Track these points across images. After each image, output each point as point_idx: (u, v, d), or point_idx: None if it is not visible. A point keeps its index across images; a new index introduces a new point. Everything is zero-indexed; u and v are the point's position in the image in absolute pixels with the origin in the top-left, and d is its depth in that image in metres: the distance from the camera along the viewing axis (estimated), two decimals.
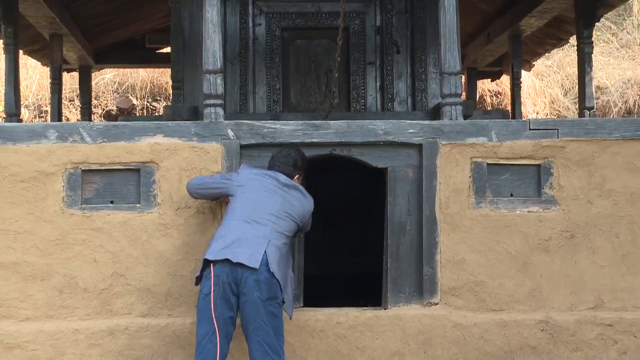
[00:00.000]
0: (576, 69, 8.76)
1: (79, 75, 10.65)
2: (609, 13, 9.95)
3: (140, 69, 13.64)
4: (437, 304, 5.63)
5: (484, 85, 13.95)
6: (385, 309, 5.71)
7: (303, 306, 5.89)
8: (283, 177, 5.17)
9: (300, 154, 5.35)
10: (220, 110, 5.68)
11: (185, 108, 7.47)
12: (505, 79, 12.51)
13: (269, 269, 4.69)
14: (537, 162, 5.71)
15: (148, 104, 13.85)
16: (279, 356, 4.70)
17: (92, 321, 5.49)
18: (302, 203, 5.16)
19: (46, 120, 12.56)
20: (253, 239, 4.77)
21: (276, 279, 4.72)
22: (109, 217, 5.53)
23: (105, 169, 5.56)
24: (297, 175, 5.26)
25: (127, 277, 5.51)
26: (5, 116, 7.87)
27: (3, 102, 9.19)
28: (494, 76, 11.71)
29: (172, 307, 5.51)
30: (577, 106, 11.16)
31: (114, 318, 5.50)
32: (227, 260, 4.70)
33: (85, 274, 5.49)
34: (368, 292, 6.53)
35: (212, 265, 4.75)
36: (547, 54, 12.00)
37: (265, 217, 4.90)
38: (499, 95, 14.30)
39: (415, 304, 5.68)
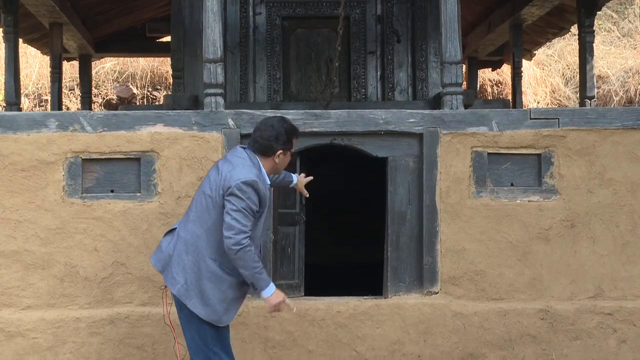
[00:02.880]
0: (577, 58, 8.75)
1: (79, 64, 10.63)
2: (611, 2, 9.93)
3: (140, 58, 13.62)
4: (437, 293, 5.65)
5: (485, 75, 13.92)
6: (385, 298, 5.72)
7: (304, 295, 5.92)
8: (231, 155, 4.44)
9: (286, 125, 4.48)
10: (220, 100, 5.68)
11: (185, 97, 7.46)
12: (506, 69, 12.49)
13: None
14: (537, 152, 5.71)
15: (148, 93, 13.84)
16: None
17: (93, 310, 5.50)
18: (220, 175, 4.29)
19: (46, 109, 12.56)
20: None
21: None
22: (110, 206, 5.54)
23: (105, 158, 5.57)
24: (280, 151, 4.42)
25: (127, 266, 5.53)
26: (5, 105, 7.87)
27: (3, 91, 9.17)
28: (495, 65, 11.69)
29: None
30: (578, 95, 11.16)
31: (115, 307, 5.52)
32: None
33: (86, 263, 5.51)
34: (369, 282, 6.54)
35: None
36: (548, 43, 11.97)
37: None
38: (499, 84, 14.28)
39: (416, 293, 5.69)
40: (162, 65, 13.87)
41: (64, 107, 11.65)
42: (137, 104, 13.49)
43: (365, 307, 5.63)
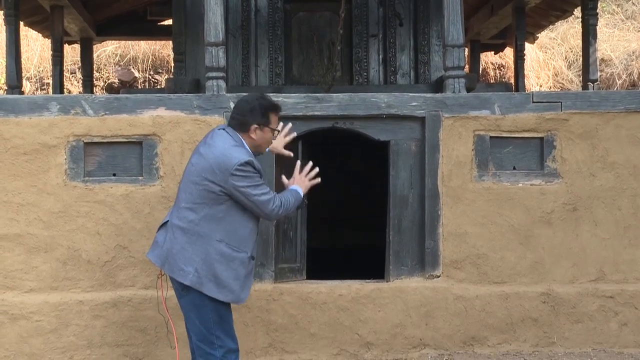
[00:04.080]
0: (580, 41, 8.71)
1: (81, 47, 10.60)
2: None
3: (141, 42, 13.59)
4: (439, 276, 5.66)
5: (487, 58, 13.88)
6: (387, 281, 5.74)
7: (306, 279, 5.93)
8: (211, 138, 4.35)
9: (261, 100, 4.39)
10: (222, 83, 5.67)
11: (187, 81, 7.45)
12: (508, 52, 12.45)
13: None
14: (540, 135, 5.70)
15: (150, 77, 13.82)
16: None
17: (96, 293, 5.53)
18: (206, 160, 4.23)
19: (48, 93, 12.55)
20: None
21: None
22: (112, 189, 5.55)
23: (107, 142, 5.57)
24: (254, 126, 4.30)
25: (130, 250, 5.54)
26: (6, 88, 7.87)
27: (4, 74, 9.16)
28: (498, 49, 11.64)
29: None
30: (581, 79, 11.13)
31: (118, 290, 5.55)
32: None
33: (88, 246, 5.52)
34: (371, 265, 6.56)
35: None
36: (551, 26, 11.93)
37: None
38: (502, 68, 14.23)
39: (417, 276, 5.71)
40: (164, 48, 13.84)
41: (65, 90, 11.64)
42: (139, 87, 13.48)
43: (367, 290, 5.64)
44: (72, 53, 12.98)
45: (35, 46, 13.53)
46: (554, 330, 5.67)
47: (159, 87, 13.22)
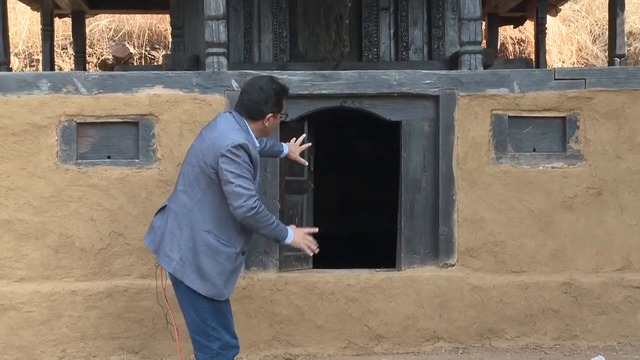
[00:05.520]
0: (606, 14, 8.67)
1: (72, 21, 10.57)
2: None
3: (137, 15, 13.56)
4: (454, 265, 5.67)
5: (506, 33, 13.82)
6: (398, 270, 5.75)
7: (312, 268, 5.95)
8: (215, 121, 4.41)
9: (275, 86, 4.42)
10: (223, 60, 5.66)
11: (186, 57, 7.45)
12: (529, 26, 12.39)
13: None
14: (562, 115, 5.69)
15: (146, 53, 13.80)
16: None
17: (90, 282, 5.55)
18: (205, 143, 4.28)
19: (37, 70, 12.55)
20: None
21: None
22: (106, 173, 5.56)
23: (101, 122, 5.58)
24: (269, 114, 4.38)
25: (126, 237, 5.56)
26: None
27: None
28: (517, 22, 11.58)
29: None
30: (606, 54, 11.07)
31: (113, 279, 5.57)
32: None
33: (81, 233, 5.55)
34: (381, 253, 6.57)
35: None
36: None
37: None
38: (522, 43, 14.17)
39: (431, 265, 5.72)
40: (161, 22, 13.81)
41: (56, 67, 11.64)
42: (135, 64, 13.47)
43: (377, 280, 5.66)
44: (63, 27, 12.97)
45: (24, 20, 13.52)
46: (577, 322, 5.68)
47: (155, 64, 13.21)
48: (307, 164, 5.17)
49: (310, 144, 5.12)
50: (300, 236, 4.39)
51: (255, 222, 4.18)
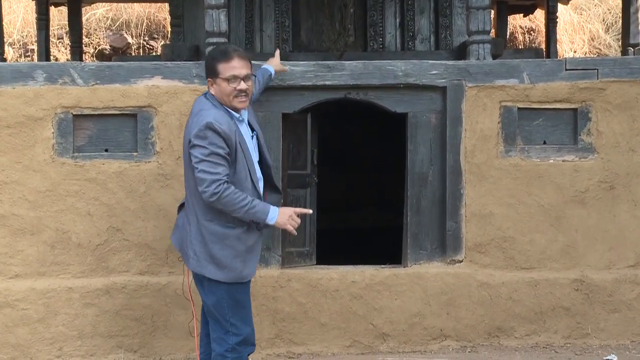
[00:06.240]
0: (620, 1, 8.63)
1: (68, 10, 10.57)
2: None
3: (135, 4, 13.55)
4: (462, 261, 5.67)
5: (516, 22, 13.79)
6: (404, 267, 5.76)
7: (316, 264, 5.95)
8: (193, 107, 4.49)
9: (210, 52, 4.70)
10: None
11: (185, 47, 7.44)
12: (539, 14, 12.36)
13: None
14: (573, 106, 5.68)
15: (144, 43, 13.80)
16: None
17: (87, 279, 5.57)
18: (185, 131, 4.41)
19: (33, 60, 12.56)
20: None
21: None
22: (104, 166, 5.56)
23: (98, 114, 5.58)
24: (209, 81, 4.40)
25: (124, 232, 5.57)
26: None
27: None
28: (527, 11, 11.55)
29: (174, 265, 5.57)
30: (620, 43, 11.04)
31: (111, 276, 5.58)
32: None
33: (78, 229, 5.55)
34: (387, 249, 6.58)
35: None
36: None
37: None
38: (532, 32, 14.14)
39: (438, 261, 5.72)
40: (160, 11, 13.80)
41: (52, 57, 11.64)
42: (133, 54, 13.46)
43: (383, 276, 5.66)
44: (58, 16, 12.97)
45: (18, 8, 13.52)
46: (588, 320, 5.68)
47: (154, 54, 13.20)
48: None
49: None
50: (285, 217, 4.33)
51: (223, 206, 4.17)
